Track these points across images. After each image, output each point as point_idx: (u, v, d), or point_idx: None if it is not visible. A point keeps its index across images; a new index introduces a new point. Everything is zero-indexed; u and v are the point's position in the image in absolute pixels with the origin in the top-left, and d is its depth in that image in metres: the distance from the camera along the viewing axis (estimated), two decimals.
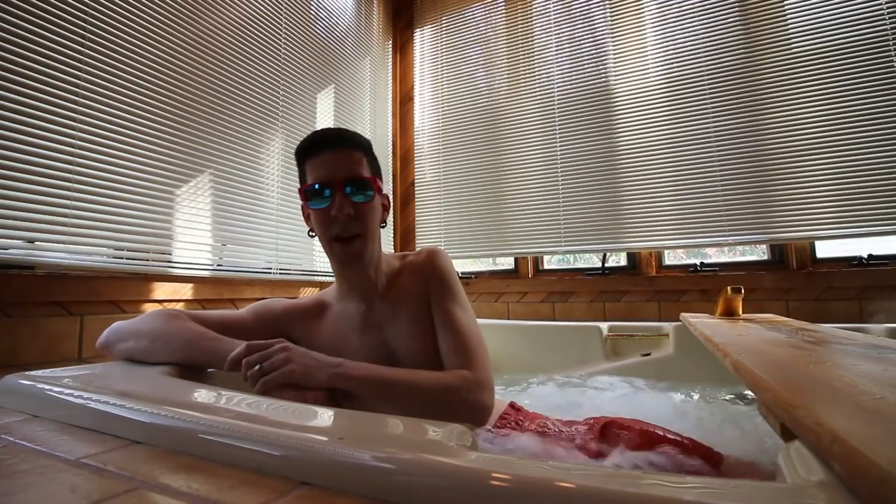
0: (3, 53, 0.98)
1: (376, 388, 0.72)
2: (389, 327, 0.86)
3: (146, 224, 1.27)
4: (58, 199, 1.07)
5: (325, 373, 0.70)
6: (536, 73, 2.22)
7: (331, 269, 0.92)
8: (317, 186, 0.80)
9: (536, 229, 2.13)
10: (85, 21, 1.13)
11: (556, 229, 2.09)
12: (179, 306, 1.32)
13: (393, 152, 2.50)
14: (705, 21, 1.91)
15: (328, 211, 0.80)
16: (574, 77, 2.14)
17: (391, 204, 1.15)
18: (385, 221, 0.89)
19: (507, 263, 2.32)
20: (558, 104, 2.15)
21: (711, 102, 1.86)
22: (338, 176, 0.79)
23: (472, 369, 0.77)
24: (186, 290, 1.34)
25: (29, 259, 1.01)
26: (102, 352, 0.82)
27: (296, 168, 0.88)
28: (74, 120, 1.10)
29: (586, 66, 2.12)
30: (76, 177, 1.10)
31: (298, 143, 0.86)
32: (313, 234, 0.87)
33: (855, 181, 1.62)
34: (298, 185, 0.87)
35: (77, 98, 1.11)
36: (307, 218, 0.88)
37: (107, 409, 0.54)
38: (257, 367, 0.66)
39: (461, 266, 2.39)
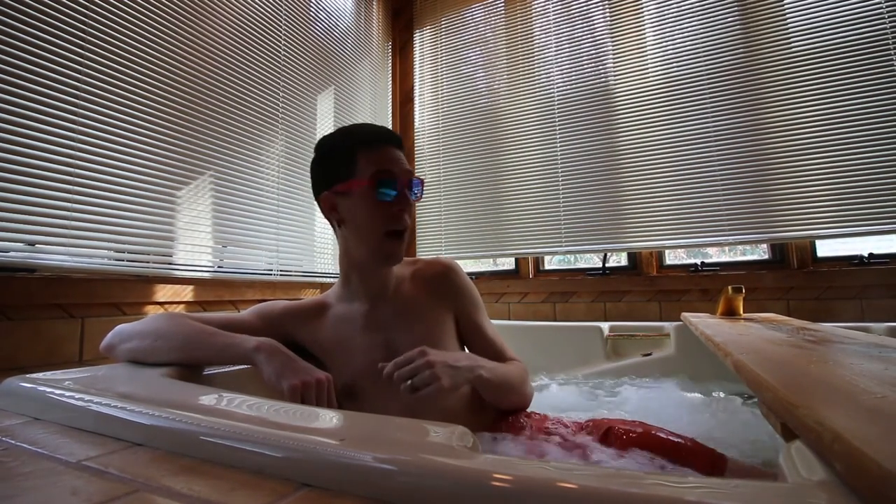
0: (3, 55, 0.98)
1: (507, 385, 0.85)
2: (394, 328, 0.87)
3: (147, 226, 1.27)
4: (58, 202, 1.07)
5: (463, 377, 0.75)
6: (536, 73, 2.22)
7: (331, 270, 0.92)
8: (387, 180, 0.81)
9: (537, 229, 2.13)
10: (85, 23, 1.13)
11: (557, 229, 2.08)
12: (180, 308, 1.32)
13: None
14: (705, 21, 1.91)
15: (391, 205, 0.81)
16: (574, 77, 2.14)
17: None
18: None
19: (507, 264, 2.32)
20: (558, 104, 2.15)
21: (711, 102, 1.85)
22: (405, 173, 0.83)
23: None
24: (187, 292, 1.34)
25: (29, 262, 1.01)
26: (106, 354, 0.82)
27: (295, 168, 0.88)
28: (75, 122, 1.10)
29: (586, 66, 2.12)
30: (76, 179, 1.10)
31: (352, 129, 0.88)
32: (340, 224, 0.85)
33: (855, 180, 1.62)
34: (338, 172, 0.83)
35: (77, 100, 1.11)
36: (333, 208, 0.84)
37: (108, 412, 0.54)
38: (409, 381, 0.67)
39: (461, 266, 2.39)
